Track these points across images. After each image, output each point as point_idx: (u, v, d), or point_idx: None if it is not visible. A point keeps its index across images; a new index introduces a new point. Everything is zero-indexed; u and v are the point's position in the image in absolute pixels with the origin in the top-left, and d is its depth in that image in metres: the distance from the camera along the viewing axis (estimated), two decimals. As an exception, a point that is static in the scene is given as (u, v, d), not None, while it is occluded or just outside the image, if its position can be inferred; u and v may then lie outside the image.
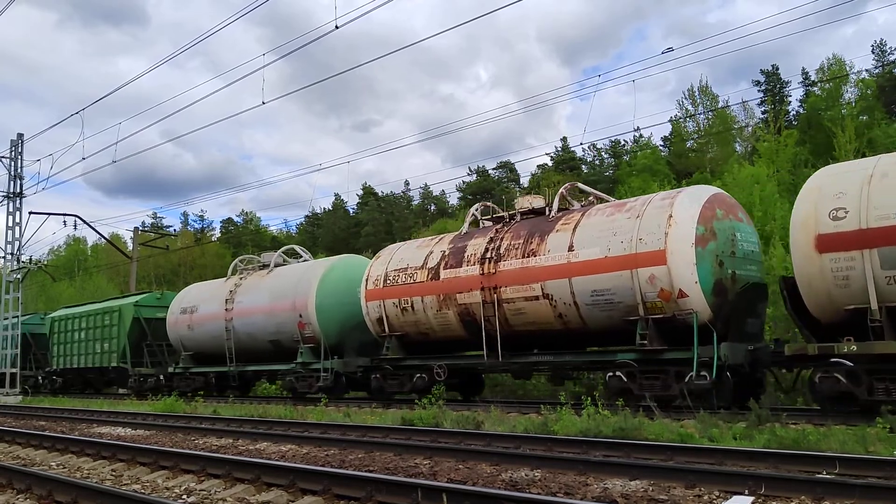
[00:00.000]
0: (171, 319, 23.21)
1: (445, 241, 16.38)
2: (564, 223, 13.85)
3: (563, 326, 13.52)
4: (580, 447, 8.41)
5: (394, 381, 16.67)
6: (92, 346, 26.34)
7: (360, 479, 6.11)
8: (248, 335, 20.29)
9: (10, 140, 27.67)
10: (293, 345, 18.85)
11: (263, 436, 10.73)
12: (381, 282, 16.74)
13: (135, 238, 38.34)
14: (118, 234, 57.09)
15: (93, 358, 26.27)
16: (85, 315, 27.23)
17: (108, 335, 25.47)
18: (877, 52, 45.41)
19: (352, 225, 64.17)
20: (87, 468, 8.34)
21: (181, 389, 21.72)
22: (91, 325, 26.56)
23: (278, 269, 20.82)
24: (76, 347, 27.36)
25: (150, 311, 25.13)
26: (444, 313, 15.39)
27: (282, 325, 19.15)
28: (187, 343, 22.59)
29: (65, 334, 28.16)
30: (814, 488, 5.59)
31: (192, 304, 22.56)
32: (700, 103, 45.05)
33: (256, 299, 20.14)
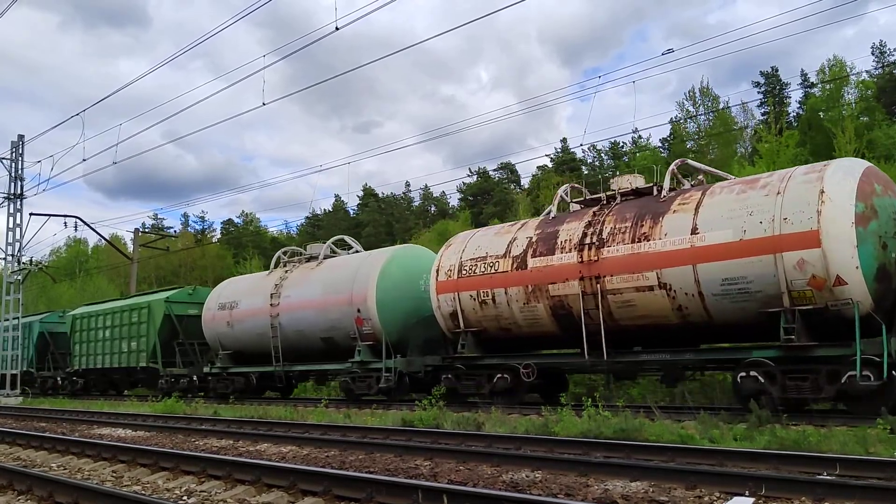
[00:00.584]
0: (207, 316, 21.82)
1: (530, 226, 14.85)
2: (682, 203, 12.29)
3: (682, 321, 12.02)
4: (581, 448, 8.41)
5: (469, 382, 15.19)
6: (118, 345, 24.96)
7: (361, 481, 6.11)
8: (296, 332, 18.85)
9: (10, 141, 27.69)
10: (348, 342, 17.49)
11: (264, 437, 10.73)
12: (454, 272, 15.31)
13: (135, 239, 38.35)
14: (119, 235, 57.13)
15: (119, 358, 24.91)
16: (110, 312, 25.80)
17: (137, 333, 24.09)
18: (877, 54, 45.44)
19: (352, 226, 64.16)
20: (88, 469, 8.34)
21: (219, 391, 21.07)
22: (117, 322, 25.18)
23: (329, 260, 19.48)
24: (100, 347, 25.93)
25: (181, 308, 23.63)
26: (532, 307, 13.85)
27: (336, 320, 17.71)
28: (226, 341, 21.17)
29: (87, 333, 26.72)
30: (814, 489, 5.58)
31: (232, 299, 21.09)
32: (701, 104, 45.07)
33: (306, 293, 18.66)
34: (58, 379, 29.28)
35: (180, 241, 60.56)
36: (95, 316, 26.56)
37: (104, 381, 27.70)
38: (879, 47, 45.61)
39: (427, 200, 65.87)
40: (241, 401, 19.61)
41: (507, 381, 14.51)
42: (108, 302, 28.63)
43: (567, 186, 15.63)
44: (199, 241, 65.27)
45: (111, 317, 25.61)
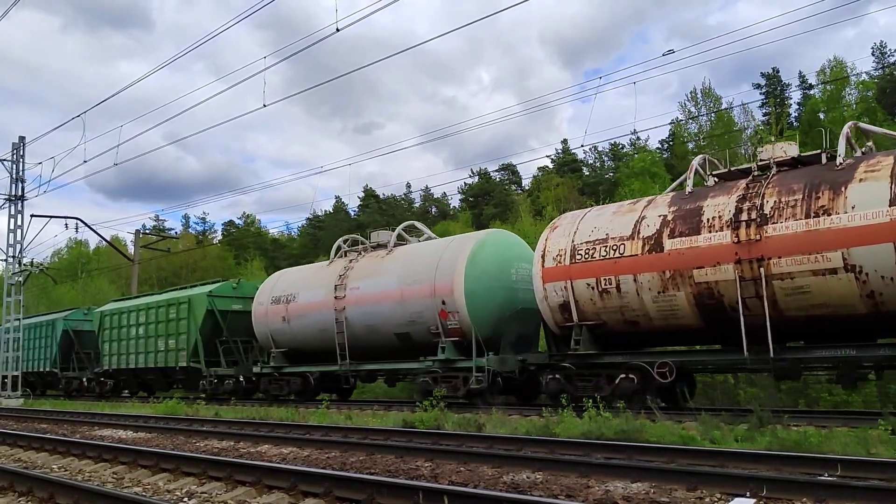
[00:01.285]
0: (259, 311, 20.18)
1: (660, 203, 12.97)
2: (870, 170, 10.56)
3: (871, 309, 10.30)
4: (582, 449, 8.41)
5: (584, 383, 13.22)
6: (154, 343, 23.34)
7: (362, 482, 6.11)
8: (366, 327, 17.17)
9: (11, 143, 27.71)
10: (428, 338, 15.79)
11: (265, 438, 10.73)
12: (565, 257, 13.43)
13: (136, 241, 38.35)
14: (120, 237, 57.16)
15: (155, 357, 23.28)
16: (145, 308, 24.10)
17: (175, 330, 22.41)
18: (877, 55, 45.44)
19: (353, 227, 64.20)
20: (89, 471, 8.35)
21: (272, 393, 19.70)
22: (153, 318, 23.52)
23: (402, 248, 17.83)
24: (133, 345, 24.41)
25: (225, 303, 21.92)
26: (669, 295, 11.99)
27: (416, 314, 15.97)
28: (281, 338, 19.53)
29: (118, 330, 25.19)
30: (815, 490, 5.58)
31: (289, 291, 19.40)
32: (702, 105, 45.11)
33: (378, 284, 16.93)
34: (83, 380, 27.86)
35: (181, 242, 60.60)
36: (127, 312, 25.07)
37: (136, 382, 26.28)
38: (880, 48, 45.62)
39: (428, 202, 65.92)
40: (299, 402, 18.33)
41: (633, 382, 12.55)
42: (142, 297, 26.94)
43: (701, 157, 13.77)
44: (200, 243, 65.31)
45: (145, 313, 23.98)
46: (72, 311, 30.52)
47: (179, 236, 63.39)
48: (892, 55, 45.03)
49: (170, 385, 25.47)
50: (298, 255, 59.66)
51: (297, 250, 64.40)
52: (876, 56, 45.23)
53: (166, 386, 25.63)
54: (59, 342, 28.95)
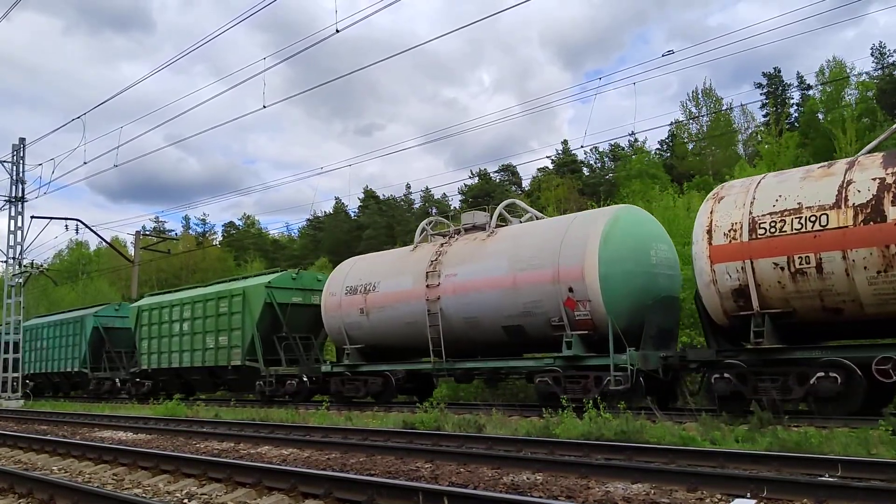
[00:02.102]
0: (330, 303, 18.31)
1: (868, 163, 10.76)
2: None
3: None
4: (582, 450, 8.40)
5: (766, 384, 11.10)
6: (201, 340, 21.43)
7: (362, 483, 6.10)
8: (466, 320, 15.15)
9: (11, 144, 27.74)
10: (547, 332, 13.73)
11: (265, 439, 10.73)
12: (741, 232, 11.28)
13: (136, 242, 38.36)
14: (121, 238, 57.17)
15: (202, 355, 21.33)
16: (190, 302, 22.26)
17: (228, 326, 20.46)
18: (876, 55, 45.47)
19: (353, 228, 64.26)
20: (89, 472, 8.35)
21: (345, 395, 17.82)
22: (200, 313, 21.62)
23: (509, 228, 15.98)
24: (176, 343, 22.44)
25: (284, 295, 20.06)
26: (891, 276, 9.97)
27: (532, 303, 13.87)
28: (357, 333, 17.55)
29: (159, 326, 23.22)
30: (816, 491, 5.57)
31: (368, 280, 17.46)
32: (703, 105, 45.18)
33: (482, 270, 14.93)
34: (116, 381, 26.00)
35: (181, 243, 60.63)
36: (169, 307, 23.13)
37: (178, 383, 24.02)
38: (879, 48, 45.66)
39: (428, 203, 65.96)
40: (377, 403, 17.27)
41: (835, 382, 10.53)
42: (185, 290, 24.89)
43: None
44: (200, 244, 65.35)
45: (191, 307, 22.07)
46: (102, 306, 28.79)
47: (179, 238, 63.43)
48: (891, 55, 45.08)
49: (217, 386, 23.75)
50: (299, 256, 59.75)
51: (298, 251, 64.46)
52: (875, 56, 45.28)
53: (213, 387, 23.87)
54: (90, 340, 27.21)
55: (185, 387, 24.20)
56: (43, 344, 30.33)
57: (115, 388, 25.97)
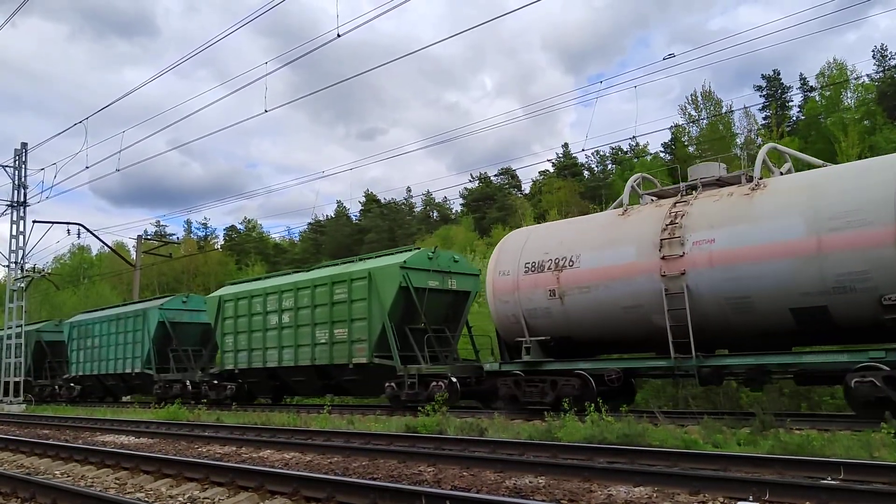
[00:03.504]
0: (502, 284, 14.65)
1: None
2: None
3: None
4: (584, 454, 8.40)
5: None
6: (309, 333, 18.35)
7: (364, 487, 6.10)
8: (730, 301, 11.62)
9: (13, 149, 27.79)
10: (871, 314, 10.33)
11: (267, 443, 10.72)
12: None
13: (138, 246, 38.40)
14: (123, 242, 57.24)
15: (312, 352, 18.27)
16: (292, 288, 19.08)
17: (347, 315, 17.41)
18: (878, 58, 45.51)
19: (355, 232, 64.34)
20: (91, 476, 8.35)
21: (522, 400, 14.15)
22: (306, 302, 18.54)
23: (789, 178, 12.50)
24: (273, 338, 19.48)
25: (420, 278, 16.93)
26: None
27: (847, 276, 10.40)
28: (543, 322, 14.00)
29: (249, 319, 20.29)
30: (818, 494, 5.57)
31: (562, 253, 13.81)
32: (703, 108, 45.23)
33: (759, 232, 11.36)
34: (187, 383, 22.64)
35: (183, 247, 60.69)
36: (261, 295, 19.95)
37: (272, 386, 21.27)
38: (881, 51, 45.69)
39: (429, 206, 66.03)
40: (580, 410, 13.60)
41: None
42: (279, 276, 21.78)
43: None
44: (201, 248, 65.42)
45: (293, 295, 19.00)
46: (167, 298, 26.03)
47: (181, 242, 63.51)
48: (892, 58, 45.11)
49: (329, 389, 20.00)
50: (300, 259, 59.75)
51: (299, 255, 64.53)
52: (877, 59, 45.31)
53: (322, 389, 20.22)
54: (154, 336, 24.16)
55: (283, 389, 21.49)
56: (94, 342, 27.17)
57: (185, 392, 22.47)
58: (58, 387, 29.83)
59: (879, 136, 32.50)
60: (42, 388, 30.93)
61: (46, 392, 30.59)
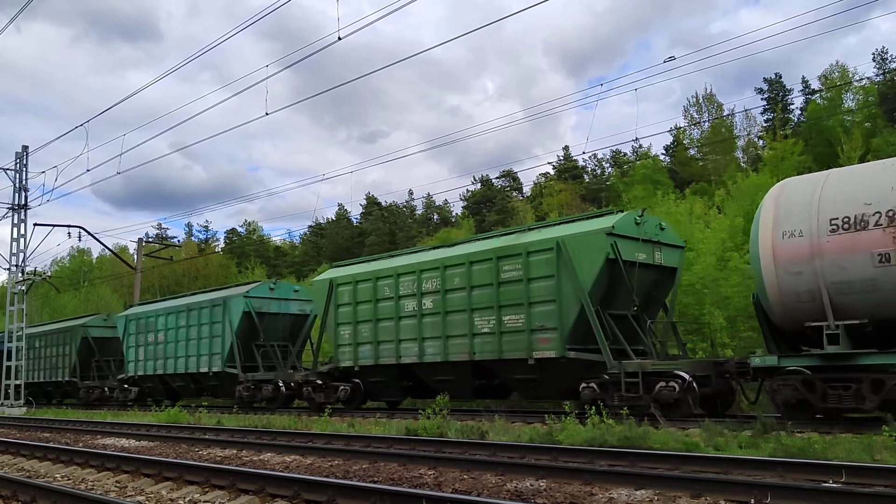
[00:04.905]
0: (785, 249, 10.94)
1: None
2: None
3: None
4: (585, 457, 8.39)
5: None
6: (466, 322, 15.01)
7: (365, 490, 6.10)
8: None
9: (14, 152, 27.83)
10: None
11: (267, 446, 10.72)
12: None
13: (139, 249, 38.41)
14: (125, 245, 57.27)
15: (471, 344, 14.95)
16: (436, 266, 15.85)
17: (524, 297, 14.09)
18: (878, 61, 45.53)
19: (355, 235, 64.39)
20: (92, 480, 8.34)
21: (829, 407, 10.55)
22: (462, 282, 15.24)
23: None
24: (415, 327, 16.08)
25: (628, 249, 13.55)
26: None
27: None
28: (860, 298, 10.40)
29: (374, 305, 16.96)
30: (820, 497, 5.56)
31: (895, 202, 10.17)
32: (706, 111, 45.31)
33: None
34: (280, 383, 19.66)
35: (184, 250, 60.73)
36: (392, 276, 16.71)
37: (401, 388, 17.79)
38: (881, 54, 45.72)
39: (430, 209, 66.07)
40: None
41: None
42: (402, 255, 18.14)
43: None
44: (202, 251, 65.46)
45: (438, 275, 15.76)
46: (253, 284, 22.30)
47: (182, 245, 63.54)
48: (893, 61, 45.13)
49: (488, 390, 16.15)
50: (299, 262, 59.83)
51: (299, 258, 64.57)
52: (877, 62, 45.33)
53: (477, 390, 16.13)
54: (238, 330, 20.87)
55: (411, 390, 17.80)
56: (158, 337, 23.96)
57: (278, 394, 19.62)
58: (108, 389, 26.70)
59: (879, 139, 32.54)
60: (89, 391, 27.73)
61: (94, 395, 27.38)
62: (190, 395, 24.35)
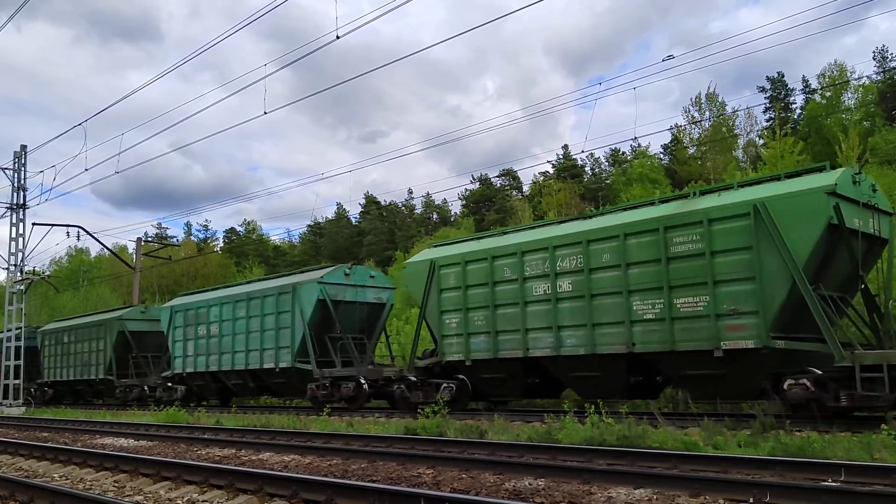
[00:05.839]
0: None
1: None
2: None
3: None
4: (584, 456, 8.38)
5: None
6: (621, 307, 12.62)
7: (363, 490, 6.09)
8: None
9: (13, 152, 27.79)
10: None
11: (266, 446, 10.71)
12: None
13: (138, 248, 38.38)
14: (124, 245, 57.23)
15: (629, 333, 12.53)
16: (577, 241, 13.41)
17: (708, 274, 11.73)
18: (878, 59, 45.56)
19: (354, 234, 64.38)
20: (90, 479, 8.33)
21: None
22: (613, 258, 12.87)
23: None
24: (548, 314, 13.66)
25: (850, 213, 11.23)
26: None
27: None
28: None
29: (490, 290, 14.62)
30: (819, 496, 5.55)
31: None
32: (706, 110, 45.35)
33: None
34: (362, 380, 17.26)
35: (183, 250, 60.70)
36: (542, 250, 13.91)
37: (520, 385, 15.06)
38: (881, 52, 45.75)
39: (429, 208, 66.05)
40: None
41: None
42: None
43: None
44: (201, 251, 65.44)
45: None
46: (328, 269, 19.41)
47: (181, 244, 63.51)
48: (893, 60, 45.16)
49: (644, 387, 13.79)
50: (299, 262, 59.78)
51: (298, 257, 64.54)
52: (877, 61, 45.36)
53: (631, 389, 13.57)
54: (311, 320, 18.37)
55: (534, 389, 15.17)
56: (211, 330, 21.54)
57: (360, 392, 17.25)
58: (148, 388, 24.17)
59: (878, 137, 32.55)
60: (127, 390, 25.24)
61: (133, 395, 24.83)
62: (248, 394, 22.13)
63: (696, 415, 11.31)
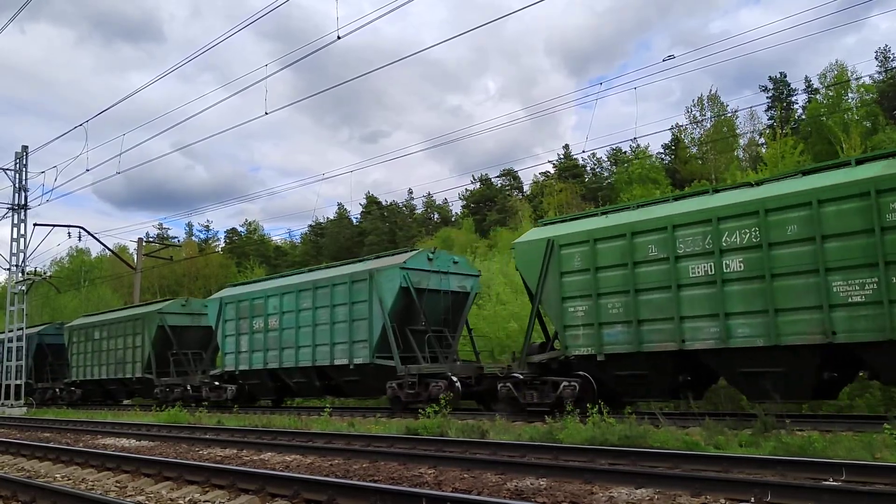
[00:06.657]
0: None
1: None
2: None
3: None
4: (586, 455, 8.38)
5: None
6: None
7: (365, 489, 6.09)
8: None
9: (14, 152, 27.82)
10: None
11: (268, 446, 10.71)
12: None
13: (139, 249, 38.39)
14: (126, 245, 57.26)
15: (827, 319, 10.28)
16: (753, 210, 11.16)
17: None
18: (880, 59, 45.56)
19: (355, 234, 64.39)
20: (92, 480, 8.33)
21: None
22: (793, 232, 10.72)
23: None
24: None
25: None
26: None
27: None
28: None
29: (630, 271, 12.47)
30: (820, 495, 5.55)
31: None
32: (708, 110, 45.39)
33: None
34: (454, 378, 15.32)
35: (184, 250, 60.74)
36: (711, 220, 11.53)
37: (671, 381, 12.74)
38: (883, 52, 45.74)
39: (430, 208, 66.09)
40: None
41: None
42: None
43: None
44: (202, 251, 65.47)
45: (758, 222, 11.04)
46: (411, 254, 17.51)
47: (182, 245, 63.54)
48: (894, 59, 45.18)
49: (836, 387, 12.07)
50: (300, 262, 59.83)
51: (299, 257, 64.58)
52: (879, 60, 45.36)
53: (818, 387, 11.35)
54: (391, 311, 16.55)
55: (685, 386, 12.91)
56: (269, 323, 19.52)
57: (453, 387, 15.13)
58: (191, 387, 22.07)
59: (882, 135, 32.52)
60: (168, 389, 23.03)
61: (174, 395, 22.55)
62: (314, 393, 19.95)
63: (698, 414, 11.32)
